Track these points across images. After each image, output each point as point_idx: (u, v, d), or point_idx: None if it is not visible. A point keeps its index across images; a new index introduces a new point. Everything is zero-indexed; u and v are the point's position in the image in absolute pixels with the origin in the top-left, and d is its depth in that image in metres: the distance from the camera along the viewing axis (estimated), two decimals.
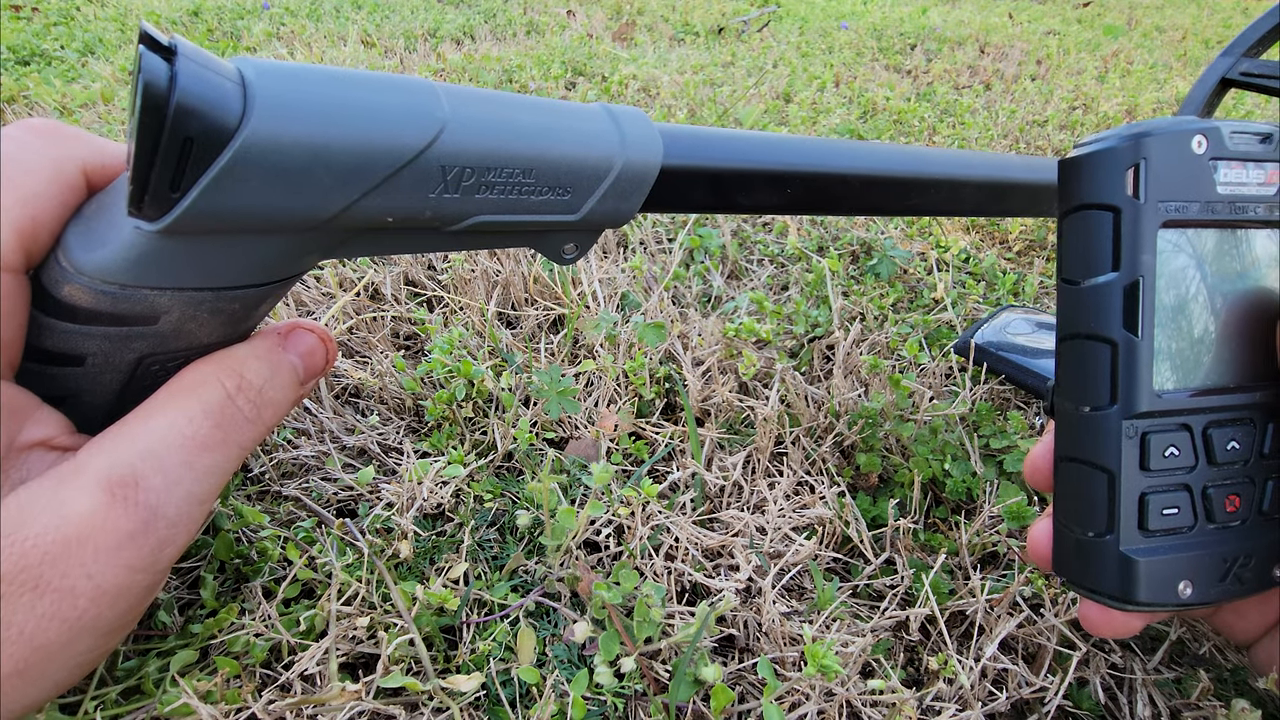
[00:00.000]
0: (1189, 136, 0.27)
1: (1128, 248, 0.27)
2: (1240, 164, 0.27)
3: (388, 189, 0.26)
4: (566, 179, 0.30)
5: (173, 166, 0.23)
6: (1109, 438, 0.27)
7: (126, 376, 0.28)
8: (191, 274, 0.26)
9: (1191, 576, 0.27)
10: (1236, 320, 0.29)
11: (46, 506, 0.24)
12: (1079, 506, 0.29)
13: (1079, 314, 0.28)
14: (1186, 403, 0.28)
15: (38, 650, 0.24)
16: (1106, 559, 0.28)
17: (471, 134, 0.27)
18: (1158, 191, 0.26)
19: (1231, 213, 0.27)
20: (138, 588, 0.25)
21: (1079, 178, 0.28)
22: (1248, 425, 0.28)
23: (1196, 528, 0.28)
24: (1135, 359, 0.27)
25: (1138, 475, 0.28)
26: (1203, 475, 0.28)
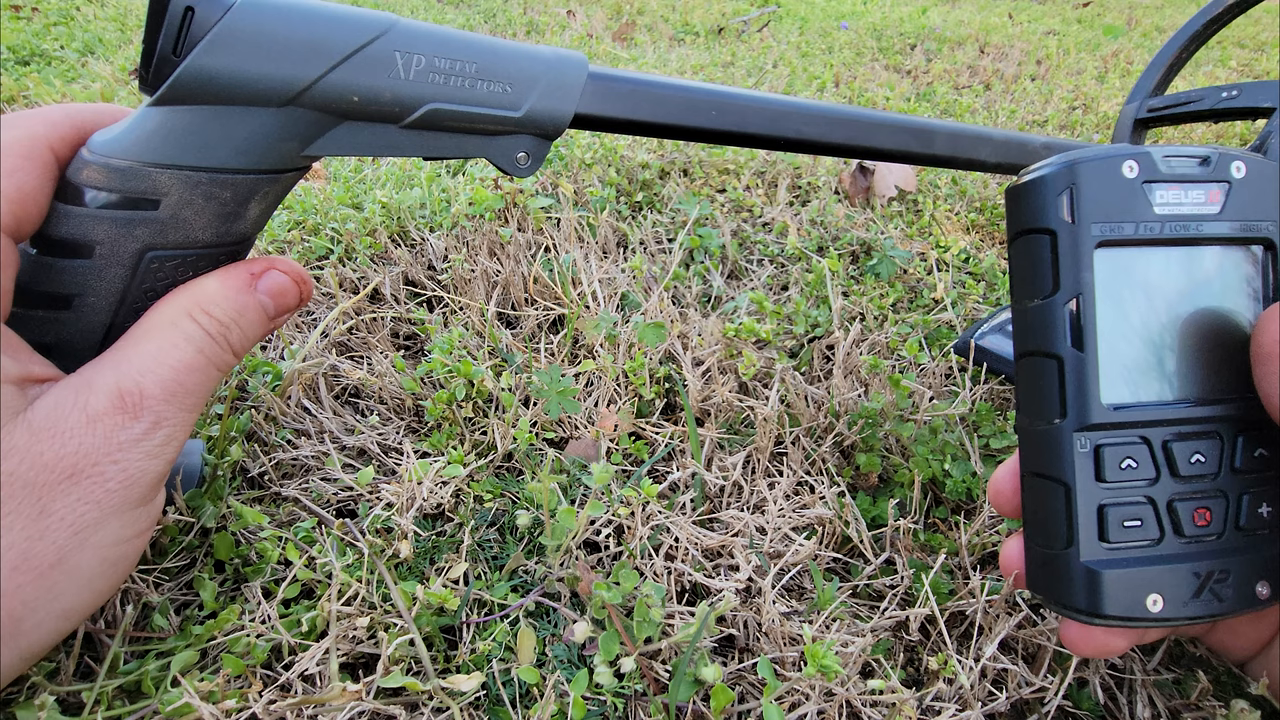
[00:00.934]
0: (1119, 162, 0.28)
1: (1065, 268, 0.28)
2: (1177, 185, 0.28)
3: (350, 66, 0.31)
4: (506, 73, 0.35)
5: (175, 32, 0.28)
6: (1062, 451, 0.28)
7: (129, 274, 0.31)
8: (188, 150, 0.30)
9: (1161, 590, 0.27)
10: (1196, 336, 0.29)
11: (74, 407, 0.28)
12: (1042, 521, 0.29)
13: (1028, 333, 0.29)
14: (1142, 416, 0.28)
15: (75, 534, 0.28)
16: (1070, 572, 0.28)
17: (420, 29, 0.33)
18: (1091, 214, 0.28)
19: (1174, 231, 0.28)
20: (151, 474, 0.30)
21: (1019, 205, 0.29)
22: (1213, 439, 0.29)
23: (1164, 541, 0.28)
24: (1080, 373, 0.28)
25: (1094, 487, 0.28)
26: (1166, 488, 0.28)
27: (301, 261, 0.73)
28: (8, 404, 0.27)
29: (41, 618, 0.28)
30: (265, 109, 0.30)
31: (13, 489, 0.27)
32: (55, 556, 0.28)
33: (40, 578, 0.27)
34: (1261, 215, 0.29)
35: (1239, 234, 0.29)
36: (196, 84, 0.29)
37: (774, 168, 1.03)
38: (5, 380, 0.28)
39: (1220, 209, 0.29)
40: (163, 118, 0.29)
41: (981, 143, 0.52)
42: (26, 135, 0.29)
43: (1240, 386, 0.29)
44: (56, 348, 0.32)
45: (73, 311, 0.31)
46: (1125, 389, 0.28)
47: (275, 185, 0.33)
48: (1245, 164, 0.29)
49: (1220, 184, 0.29)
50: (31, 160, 0.29)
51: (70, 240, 0.30)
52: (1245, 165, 0.29)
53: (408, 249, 0.76)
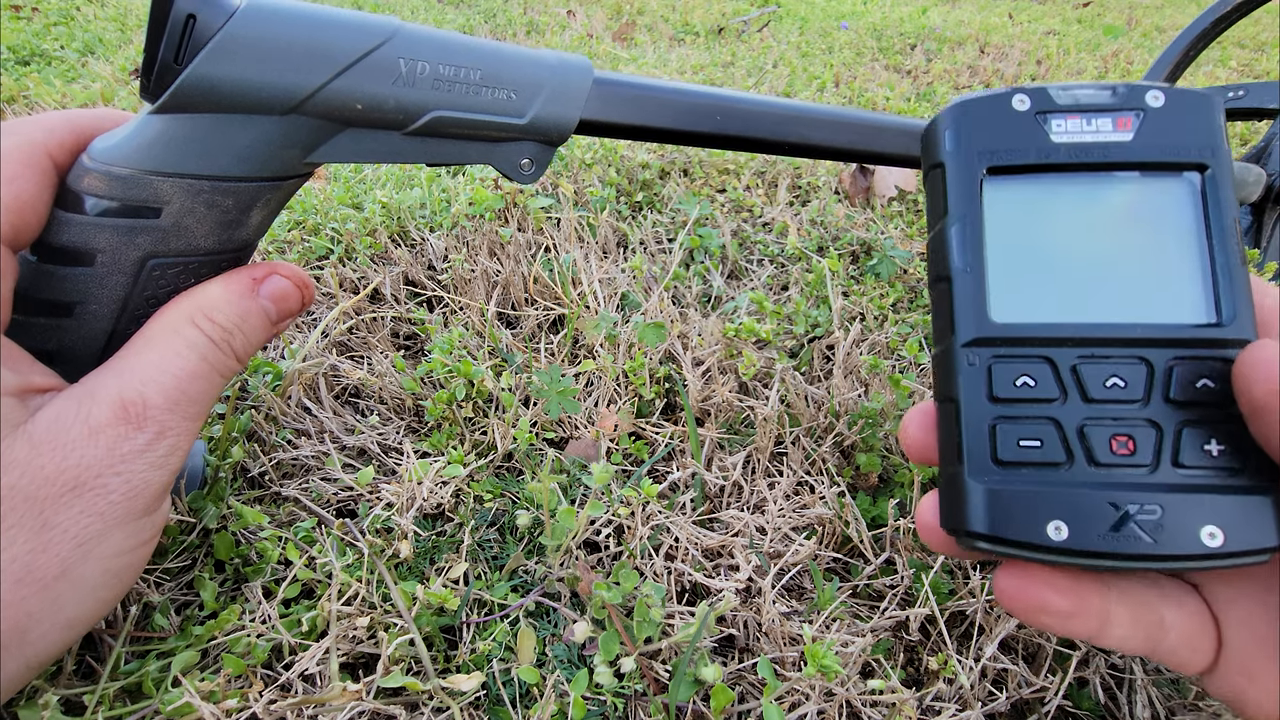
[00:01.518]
0: (1008, 97, 0.28)
1: (954, 195, 0.28)
2: (1077, 115, 0.28)
3: (354, 74, 0.30)
4: (510, 79, 0.34)
5: (177, 39, 0.28)
6: (954, 368, 0.27)
7: (131, 281, 0.31)
8: (189, 158, 0.30)
9: (1065, 517, 0.25)
10: (1117, 260, 0.28)
11: (75, 419, 0.28)
12: (942, 443, 0.28)
13: (930, 261, 0.29)
14: (1042, 333, 0.27)
15: (78, 546, 0.28)
16: (962, 491, 0.26)
17: (424, 35, 0.32)
18: (977, 144, 0.28)
19: (1075, 156, 0.28)
20: (156, 484, 0.30)
21: (923, 147, 0.30)
22: (1137, 364, 0.27)
23: (1072, 467, 0.26)
24: (965, 289, 0.27)
25: (985, 404, 0.26)
26: (1075, 411, 0.26)
27: (301, 262, 0.73)
28: (8, 416, 0.27)
29: (46, 628, 0.28)
30: (268, 117, 0.30)
31: (14, 502, 0.27)
32: (59, 568, 0.28)
33: (44, 589, 0.27)
34: (1188, 141, 0.28)
35: (1159, 159, 0.28)
36: (198, 92, 0.29)
37: (774, 168, 1.03)
38: (5, 392, 0.28)
39: (1134, 135, 0.28)
40: (164, 126, 0.29)
41: None
42: (25, 142, 0.29)
43: (1174, 313, 0.27)
44: (59, 355, 0.31)
45: (74, 319, 0.31)
46: (1025, 308, 0.27)
47: (278, 192, 0.33)
48: (1163, 93, 0.28)
49: (1132, 111, 0.28)
50: (30, 168, 0.29)
51: (71, 248, 0.30)
52: (1163, 94, 0.28)
53: (408, 249, 0.76)
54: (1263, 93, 0.94)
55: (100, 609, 0.30)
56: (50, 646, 0.29)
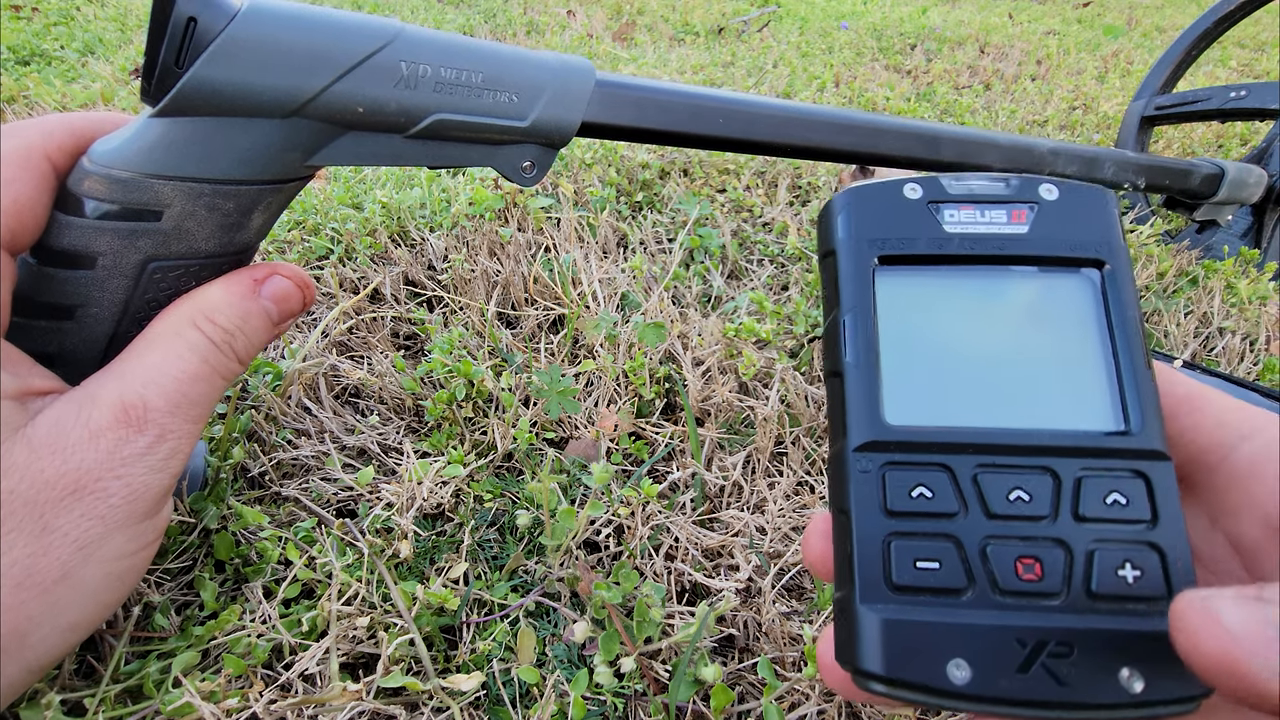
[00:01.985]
0: (900, 185, 0.28)
1: (845, 284, 0.27)
2: (970, 205, 0.27)
3: (356, 77, 0.30)
4: (512, 82, 0.34)
5: (178, 42, 0.28)
6: (844, 473, 0.25)
7: (132, 284, 0.31)
8: (190, 161, 0.29)
9: (967, 655, 0.22)
10: (1016, 360, 0.26)
11: (76, 423, 0.28)
12: (836, 561, 0.25)
13: (823, 354, 0.28)
14: (940, 438, 0.24)
15: (79, 550, 0.28)
16: (853, 621, 0.23)
17: (425, 38, 0.32)
18: (869, 232, 0.27)
19: (969, 248, 0.27)
20: (157, 488, 0.30)
21: (817, 231, 0.29)
22: (1043, 475, 0.24)
23: (974, 593, 0.23)
24: (857, 387, 0.25)
25: (879, 518, 0.24)
26: (977, 528, 0.24)
27: (301, 262, 0.73)
28: (7, 420, 0.27)
29: (47, 632, 0.28)
30: (269, 120, 0.30)
31: (13, 506, 0.27)
32: (59, 572, 0.28)
33: (44, 594, 0.27)
34: (1085, 236, 0.27)
35: (1058, 254, 0.26)
36: (199, 96, 0.28)
37: (774, 168, 1.03)
38: (4, 396, 0.27)
39: (1029, 228, 0.27)
40: (165, 129, 0.29)
41: (989, 148, 0.52)
42: (23, 145, 0.29)
43: (1078, 419, 0.25)
44: (59, 358, 0.31)
45: (75, 322, 0.31)
46: (921, 410, 0.25)
47: (279, 195, 0.33)
48: (1057, 187, 0.27)
49: (1025, 204, 0.27)
50: (28, 170, 0.29)
51: (72, 251, 0.30)
52: (1057, 189, 0.27)
53: (408, 249, 0.76)
54: (1264, 93, 0.94)
55: (102, 612, 0.30)
56: (51, 650, 0.29)
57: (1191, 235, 0.93)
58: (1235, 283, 0.80)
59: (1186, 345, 0.72)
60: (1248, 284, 0.80)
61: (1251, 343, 0.73)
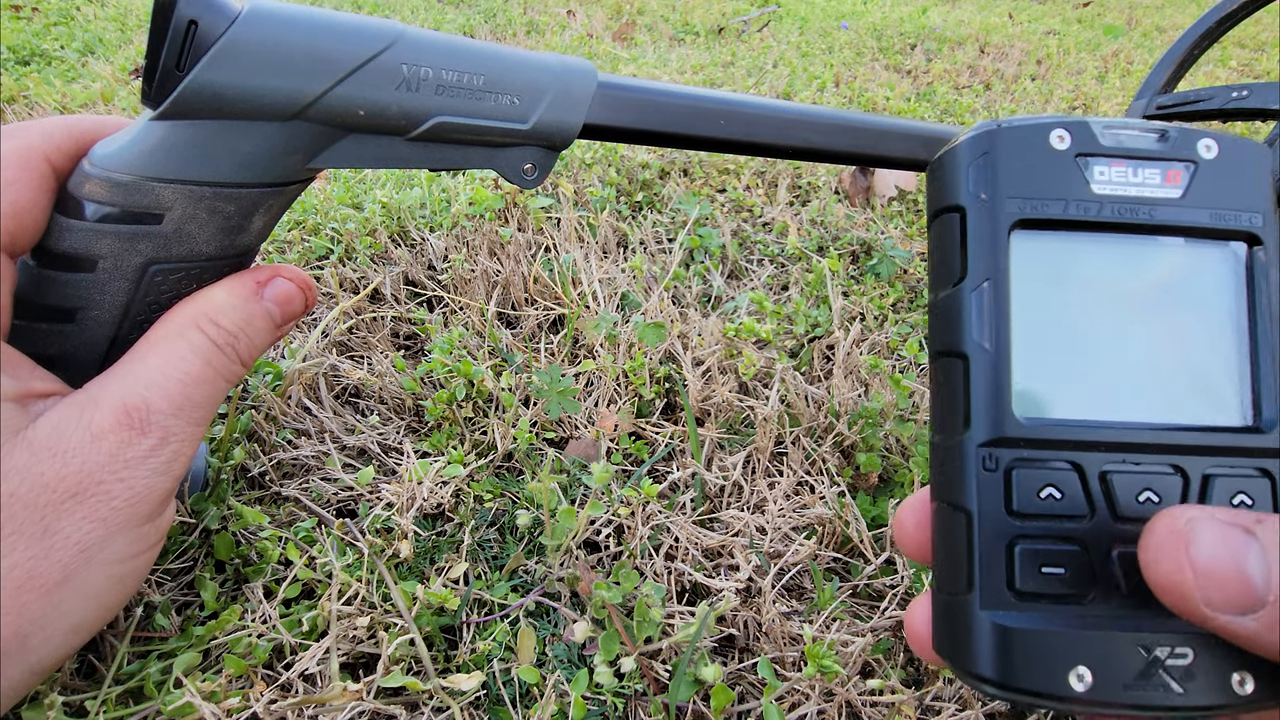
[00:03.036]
0: (1046, 130, 0.24)
1: (975, 250, 0.23)
2: (1123, 161, 0.24)
3: (356, 80, 0.30)
4: (514, 85, 0.34)
5: (179, 45, 0.28)
6: (964, 470, 0.23)
7: (133, 287, 0.31)
8: (191, 164, 0.29)
9: (1090, 663, 0.21)
10: (1153, 345, 0.24)
11: (78, 426, 0.28)
12: (944, 559, 0.24)
13: (936, 329, 0.25)
14: (1071, 435, 0.23)
15: (80, 553, 0.28)
16: (971, 626, 0.22)
17: (426, 40, 0.32)
18: (1007, 188, 0.23)
19: (1118, 215, 0.24)
20: (159, 490, 0.30)
21: (933, 181, 0.25)
22: (1173, 475, 0.23)
23: (1098, 600, 0.22)
24: (986, 375, 0.23)
25: (1004, 519, 0.23)
26: (1105, 532, 0.23)
27: (302, 262, 0.73)
28: (7, 422, 0.27)
29: (49, 634, 0.28)
30: (270, 123, 0.30)
31: (13, 509, 0.27)
32: (61, 575, 0.28)
33: (46, 596, 0.27)
34: (1239, 204, 0.24)
35: (1209, 224, 0.24)
36: (200, 99, 0.28)
37: (774, 168, 1.03)
38: (5, 398, 0.27)
39: (1183, 193, 0.24)
40: (166, 132, 0.29)
41: None
42: (22, 147, 0.29)
43: (1210, 413, 0.24)
44: (60, 360, 0.31)
45: (76, 324, 0.31)
46: (1053, 401, 0.23)
47: (280, 198, 0.33)
48: (1217, 143, 0.24)
49: (1183, 163, 0.24)
50: (27, 172, 0.29)
51: (73, 254, 0.30)
52: (1217, 144, 0.24)
53: (408, 249, 0.76)
54: (1266, 93, 0.94)
55: (104, 614, 0.30)
56: (54, 652, 0.29)
57: None
58: None
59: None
60: None
61: None
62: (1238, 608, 0.18)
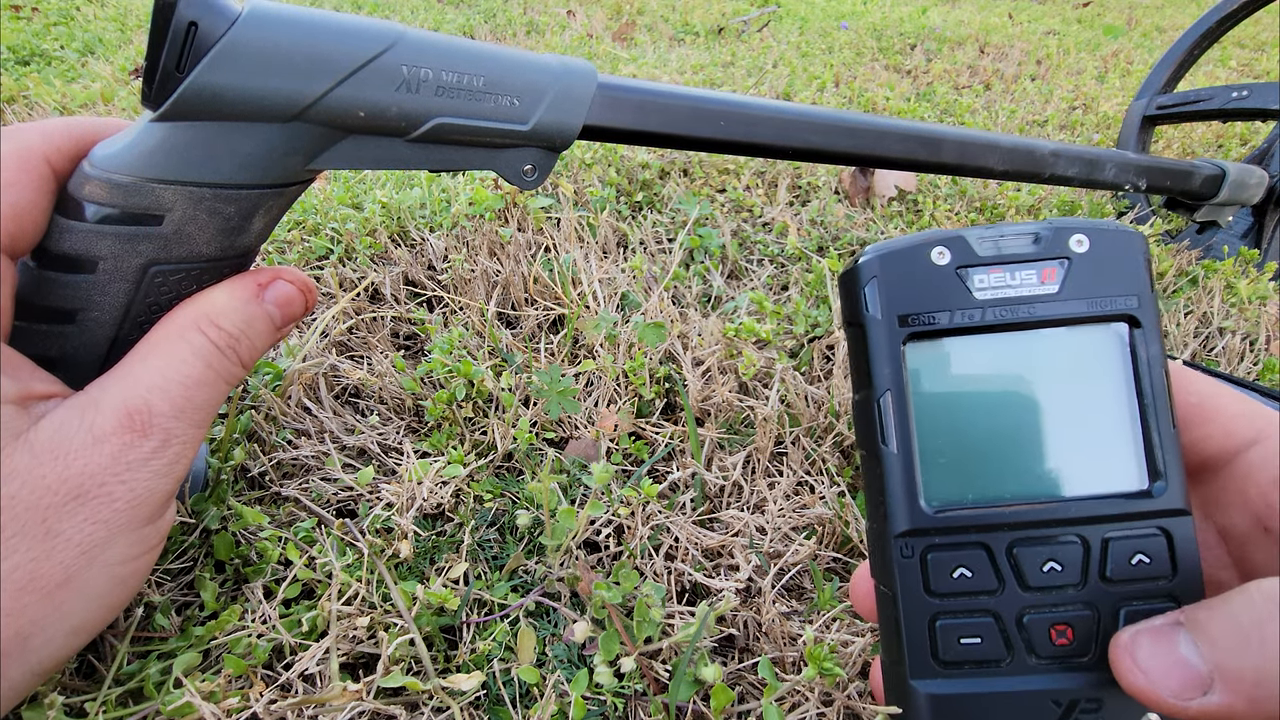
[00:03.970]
0: (927, 249, 0.26)
1: (876, 362, 0.26)
2: (999, 268, 0.26)
3: (356, 81, 0.30)
4: (514, 86, 0.34)
5: (179, 47, 0.28)
6: (887, 557, 0.26)
7: (133, 288, 0.31)
8: (192, 166, 0.29)
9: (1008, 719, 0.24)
10: (1045, 427, 0.26)
11: (79, 428, 0.28)
12: (883, 631, 0.27)
13: (857, 427, 0.28)
14: (976, 519, 0.25)
15: (82, 554, 0.28)
16: (904, 692, 0.25)
17: (426, 42, 0.32)
18: (897, 306, 0.26)
19: (1000, 317, 0.26)
20: (160, 492, 0.30)
21: (841, 296, 0.28)
22: (1073, 544, 0.25)
23: (1013, 662, 0.25)
24: (895, 473, 0.26)
25: (923, 598, 0.25)
26: (1014, 601, 0.25)
27: (301, 262, 0.73)
28: (8, 425, 0.27)
29: (51, 635, 0.28)
30: (270, 124, 0.30)
31: (15, 511, 0.27)
32: (63, 576, 0.28)
33: (47, 597, 0.27)
34: (1115, 290, 0.26)
35: (1087, 313, 0.26)
36: (200, 100, 0.28)
37: (774, 168, 1.03)
38: (5, 400, 0.27)
39: (1059, 287, 0.26)
40: (166, 133, 0.29)
41: (990, 150, 0.52)
42: (22, 148, 0.29)
43: (1105, 482, 0.26)
44: (61, 361, 0.31)
45: (76, 325, 0.31)
46: (957, 488, 0.26)
47: (280, 199, 0.33)
48: (1088, 236, 0.26)
49: (1056, 261, 0.26)
50: (27, 173, 0.29)
51: (73, 255, 0.30)
52: (1088, 238, 0.26)
53: (408, 249, 0.76)
54: (1266, 94, 0.94)
55: (106, 615, 0.30)
56: (55, 653, 0.29)
57: (1192, 236, 0.93)
58: (1235, 283, 0.80)
59: (1186, 345, 0.72)
60: (1247, 284, 0.80)
61: (1251, 343, 0.73)
62: (1196, 689, 0.21)
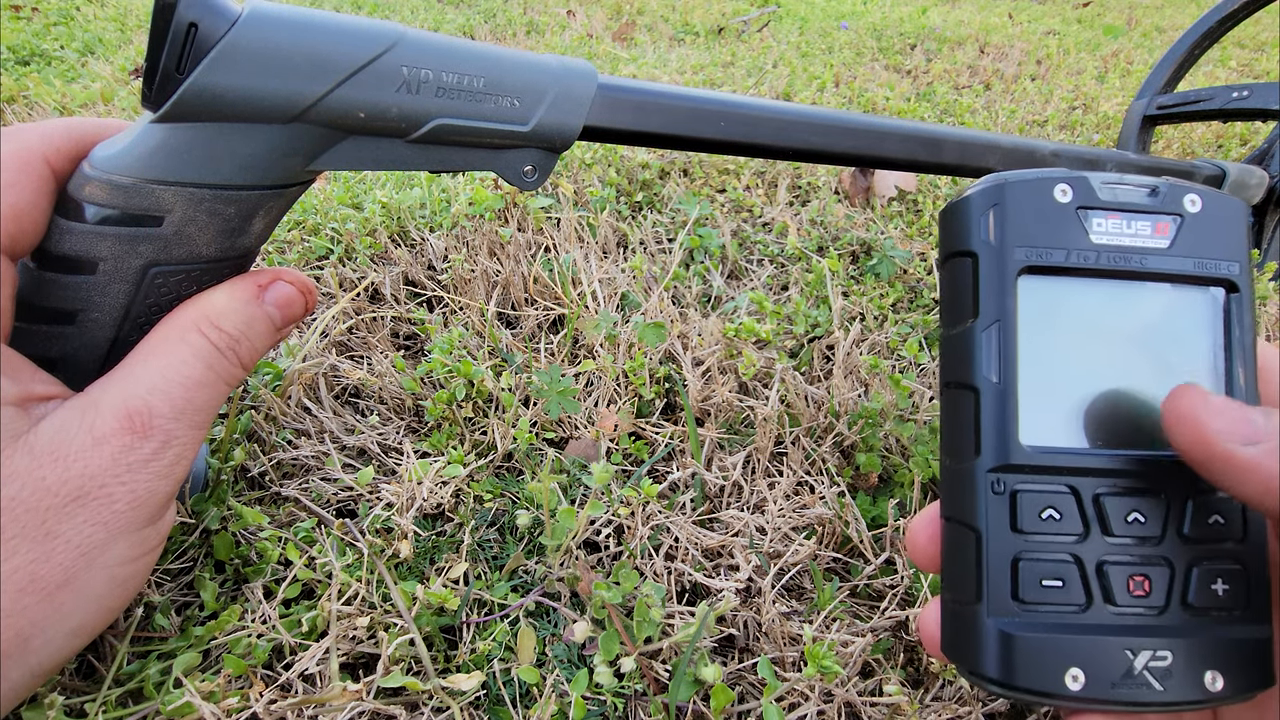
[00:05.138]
0: (1051, 184, 0.26)
1: (985, 292, 0.26)
2: (1118, 214, 0.26)
3: (357, 82, 0.30)
4: (514, 87, 0.34)
5: (179, 49, 0.28)
6: (974, 492, 0.26)
7: (133, 289, 0.31)
8: (191, 167, 0.29)
9: (1083, 665, 0.24)
10: (1142, 380, 0.27)
11: (79, 429, 0.28)
12: (954, 573, 0.27)
13: (948, 362, 0.27)
14: (1071, 462, 0.26)
15: (82, 556, 0.28)
16: (979, 632, 0.25)
17: (426, 42, 0.32)
18: (1015, 237, 0.26)
19: (1113, 263, 0.26)
20: (161, 494, 0.30)
21: (946, 227, 0.28)
22: (1157, 498, 0.26)
23: (1090, 609, 0.25)
24: (994, 407, 0.26)
25: (1009, 536, 0.25)
26: (1097, 548, 0.25)
27: (301, 262, 0.73)
28: (8, 426, 0.27)
29: (50, 636, 0.28)
30: (270, 125, 0.30)
31: (15, 513, 0.27)
32: (62, 578, 0.28)
33: (47, 599, 0.27)
34: (1220, 253, 0.27)
35: (1192, 272, 0.26)
36: (200, 102, 0.28)
37: (774, 168, 1.03)
38: (5, 402, 0.27)
39: (1170, 243, 0.26)
40: (166, 135, 0.29)
41: (990, 150, 0.52)
42: (21, 149, 0.29)
43: None
44: (61, 362, 0.31)
45: (76, 326, 0.31)
46: (1053, 431, 0.26)
47: (280, 200, 0.33)
48: (1201, 198, 0.27)
49: (1171, 216, 0.27)
50: (26, 175, 0.29)
51: (73, 256, 0.30)
52: (1201, 199, 0.27)
53: (408, 249, 0.76)
54: (1266, 94, 0.94)
55: (106, 616, 0.30)
56: (55, 654, 0.29)
57: None
58: None
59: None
60: None
61: None
62: (1242, 438, 0.22)
